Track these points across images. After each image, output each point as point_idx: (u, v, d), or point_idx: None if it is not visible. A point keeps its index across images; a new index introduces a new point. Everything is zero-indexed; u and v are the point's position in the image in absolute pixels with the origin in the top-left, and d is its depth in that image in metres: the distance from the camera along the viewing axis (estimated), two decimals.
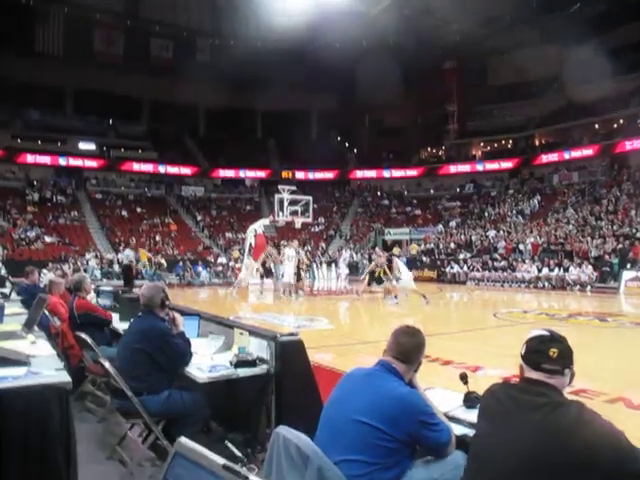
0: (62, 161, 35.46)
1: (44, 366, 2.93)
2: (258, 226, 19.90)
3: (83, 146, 37.41)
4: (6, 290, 7.81)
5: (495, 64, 36.28)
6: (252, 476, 0.83)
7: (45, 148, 35.75)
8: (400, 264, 16.12)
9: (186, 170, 39.09)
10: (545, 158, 34.10)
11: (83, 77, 35.21)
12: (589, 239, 22.85)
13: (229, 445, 3.78)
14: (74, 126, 37.35)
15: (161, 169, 38.07)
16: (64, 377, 2.76)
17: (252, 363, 3.64)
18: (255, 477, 0.85)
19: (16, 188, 32.92)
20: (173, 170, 38.52)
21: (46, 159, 35.10)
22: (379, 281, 15.97)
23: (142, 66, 35.31)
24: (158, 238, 31.23)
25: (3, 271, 15.81)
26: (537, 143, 36.31)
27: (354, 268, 26.11)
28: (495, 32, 31.86)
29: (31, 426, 2.53)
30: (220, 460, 0.82)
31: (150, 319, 3.90)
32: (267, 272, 17.52)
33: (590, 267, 20.57)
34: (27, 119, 36.64)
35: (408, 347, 2.44)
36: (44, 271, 16.17)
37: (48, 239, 28.53)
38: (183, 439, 0.92)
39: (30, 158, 34.54)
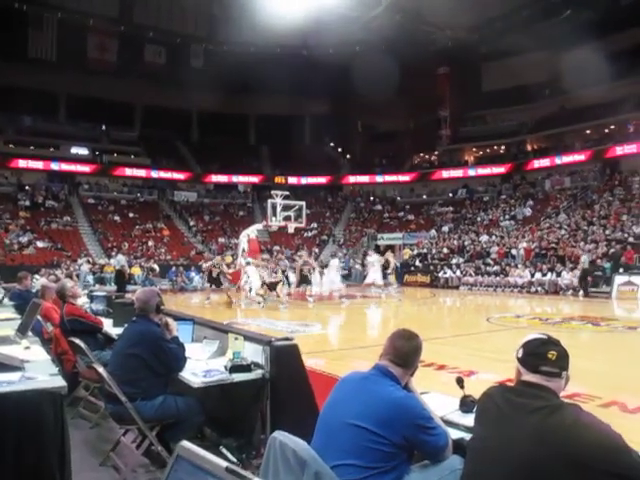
0: (54, 166, 35.34)
1: (39, 371, 2.92)
2: (251, 231, 19.87)
3: (76, 151, 37.28)
4: None
5: (488, 69, 36.49)
6: (256, 478, 0.83)
7: (37, 153, 35.59)
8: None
9: (179, 175, 39.06)
10: (537, 163, 34.27)
11: (76, 83, 35.18)
12: (582, 243, 22.93)
13: (223, 451, 3.76)
14: (67, 131, 37.25)
15: (154, 174, 37.99)
16: (59, 382, 2.75)
17: (247, 368, 3.62)
18: (258, 479, 0.85)
19: (8, 193, 32.75)
20: (166, 175, 38.47)
21: (38, 164, 34.93)
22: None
23: (135, 72, 35.32)
24: (151, 243, 31.13)
25: None
26: (529, 148, 36.47)
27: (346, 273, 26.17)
28: (488, 37, 32.06)
29: (25, 431, 2.52)
30: (223, 463, 0.82)
31: (144, 324, 3.88)
32: (303, 278, 17.40)
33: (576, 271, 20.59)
34: (20, 125, 36.51)
35: (405, 351, 2.42)
36: (36, 276, 16.10)
37: (40, 244, 28.37)
38: (185, 442, 0.92)
39: (22, 163, 34.36)
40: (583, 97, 30.37)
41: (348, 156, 44.11)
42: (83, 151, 37.53)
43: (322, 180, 40.82)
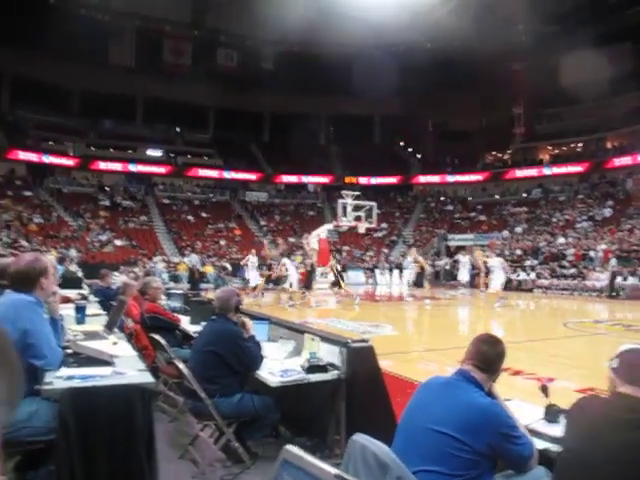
0: (132, 168, 36.80)
1: (127, 366, 3.04)
2: (322, 231, 19.91)
3: (152, 153, 38.72)
4: (84, 291, 8.14)
5: (565, 63, 35.10)
6: None
7: (116, 155, 37.23)
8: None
9: (250, 176, 39.76)
10: (618, 161, 32.65)
11: (153, 87, 36.57)
12: None
13: None
14: (143, 134, 38.73)
15: (226, 175, 38.85)
16: (147, 378, 2.87)
17: (323, 368, 3.65)
18: None
19: (89, 194, 34.41)
20: (237, 176, 39.23)
21: (117, 166, 36.50)
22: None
23: (208, 75, 36.20)
24: (223, 242, 31.85)
25: (80, 273, 16.49)
26: (609, 146, 34.86)
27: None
28: (565, 30, 30.84)
29: (117, 424, 2.64)
30: (332, 469, 0.82)
31: (223, 322, 3.98)
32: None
33: None
34: (101, 129, 38.26)
35: (490, 356, 2.37)
36: (115, 274, 16.77)
37: (118, 243, 29.60)
38: (290, 447, 0.93)
39: (103, 165, 36.04)
40: None
41: (418, 155, 43.55)
42: (158, 153, 38.93)
43: (392, 180, 40.45)
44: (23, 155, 33.03)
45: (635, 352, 1.93)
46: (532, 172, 36.75)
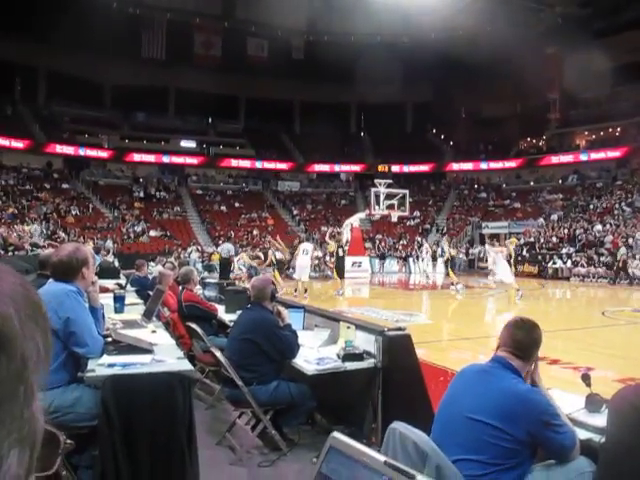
0: (165, 159, 37.29)
1: (166, 354, 3.09)
2: (354, 220, 19.92)
3: (184, 144, 39.12)
4: (121, 281, 8.31)
5: (602, 46, 34.12)
6: (419, 475, 0.82)
7: (150, 147, 37.73)
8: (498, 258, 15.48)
9: (282, 165, 39.86)
10: None
11: (184, 79, 36.91)
12: None
13: None
14: (176, 126, 39.19)
15: (258, 165, 39.05)
16: (186, 365, 2.92)
17: (359, 357, 3.65)
18: (423, 477, 0.83)
19: (124, 185, 35.00)
20: (269, 166, 39.39)
21: (151, 157, 37.02)
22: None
23: (239, 66, 36.28)
24: (256, 232, 32.06)
25: (116, 263, 16.78)
26: None
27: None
28: (602, 11, 29.95)
29: (159, 410, 2.69)
30: (381, 457, 0.82)
31: (259, 311, 4.00)
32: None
33: None
34: (134, 121, 38.82)
35: (525, 342, 2.30)
36: (152, 264, 17.02)
37: (153, 233, 30.07)
38: (337, 434, 0.93)
39: (137, 157, 36.59)
40: None
41: (451, 143, 43.02)
42: (191, 144, 39.31)
43: (425, 168, 40.05)
44: (59, 148, 33.72)
45: None
46: (568, 158, 35.96)
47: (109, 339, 3.26)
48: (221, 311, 6.01)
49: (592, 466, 2.11)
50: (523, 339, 2.32)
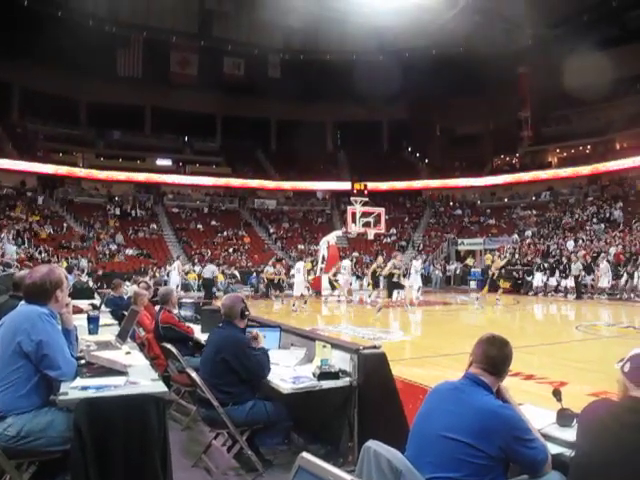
0: (141, 177, 37.06)
1: (140, 376, 3.06)
2: (331, 238, 20.00)
3: (160, 162, 38.99)
4: (96, 302, 8.20)
5: (571, 66, 34.97)
6: None
7: (126, 165, 37.50)
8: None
9: (258, 183, 39.86)
10: (627, 163, 32.43)
11: (160, 97, 36.91)
12: None
13: None
14: (152, 144, 39.08)
15: (234, 183, 39.02)
16: (161, 387, 2.89)
17: (335, 375, 3.65)
18: None
19: (99, 204, 34.65)
20: (246, 183, 39.35)
21: (126, 176, 36.73)
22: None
23: (215, 84, 36.40)
24: (232, 250, 31.95)
25: (91, 283, 16.58)
26: (618, 147, 34.68)
27: (426, 279, 25.81)
28: (570, 33, 30.78)
29: (133, 433, 2.66)
30: (347, 476, 0.84)
31: (229, 329, 3.97)
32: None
33: None
34: (109, 139, 38.61)
35: (497, 359, 2.33)
36: (127, 283, 16.84)
37: (129, 252, 29.77)
38: (305, 454, 0.94)
39: (112, 175, 36.27)
40: None
41: (426, 160, 43.54)
42: (167, 162, 39.21)
43: (401, 185, 40.42)
44: (33, 166, 33.27)
45: None
46: (540, 175, 36.63)
47: (82, 361, 3.22)
48: (197, 331, 5.97)
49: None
50: (495, 356, 2.35)
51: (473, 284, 26.16)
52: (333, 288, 19.73)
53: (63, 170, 34.75)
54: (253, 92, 36.52)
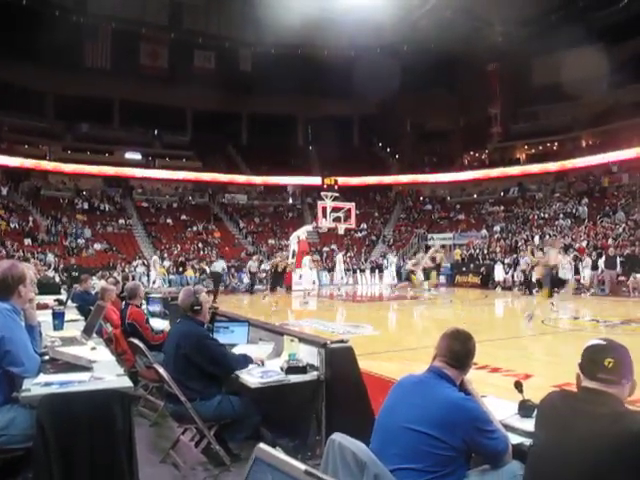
0: (109, 171, 36.46)
1: (105, 371, 3.03)
2: (301, 232, 20.02)
3: (129, 156, 38.41)
4: (62, 297, 8.08)
5: (539, 64, 35.56)
6: None
7: (93, 158, 36.84)
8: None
9: (229, 178, 39.60)
10: (593, 160, 33.13)
11: (129, 90, 36.27)
12: None
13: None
14: (121, 137, 38.39)
15: (205, 177, 38.69)
16: (126, 382, 2.87)
17: (303, 369, 3.67)
18: None
19: (66, 197, 34.01)
20: (216, 178, 39.06)
21: (94, 169, 36.07)
22: None
23: (186, 77, 36.01)
24: (202, 245, 31.72)
25: (57, 278, 16.31)
26: (584, 144, 35.39)
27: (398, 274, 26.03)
28: (539, 31, 31.27)
29: (98, 429, 2.64)
30: (302, 466, 0.85)
31: (186, 324, 3.96)
32: None
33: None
34: (77, 132, 37.83)
35: (461, 352, 2.40)
36: (94, 278, 16.62)
37: (97, 247, 29.32)
38: (262, 445, 0.96)
39: (79, 168, 35.56)
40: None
41: (397, 156, 43.81)
42: (136, 156, 38.63)
43: (371, 180, 40.60)
44: None
45: (594, 348, 2.00)
46: (509, 171, 37.15)
47: (46, 357, 3.18)
48: (166, 326, 5.93)
49: (523, 469, 2.20)
50: (459, 350, 2.41)
51: (442, 278, 26.40)
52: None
53: (29, 163, 33.96)
54: (224, 86, 36.21)
